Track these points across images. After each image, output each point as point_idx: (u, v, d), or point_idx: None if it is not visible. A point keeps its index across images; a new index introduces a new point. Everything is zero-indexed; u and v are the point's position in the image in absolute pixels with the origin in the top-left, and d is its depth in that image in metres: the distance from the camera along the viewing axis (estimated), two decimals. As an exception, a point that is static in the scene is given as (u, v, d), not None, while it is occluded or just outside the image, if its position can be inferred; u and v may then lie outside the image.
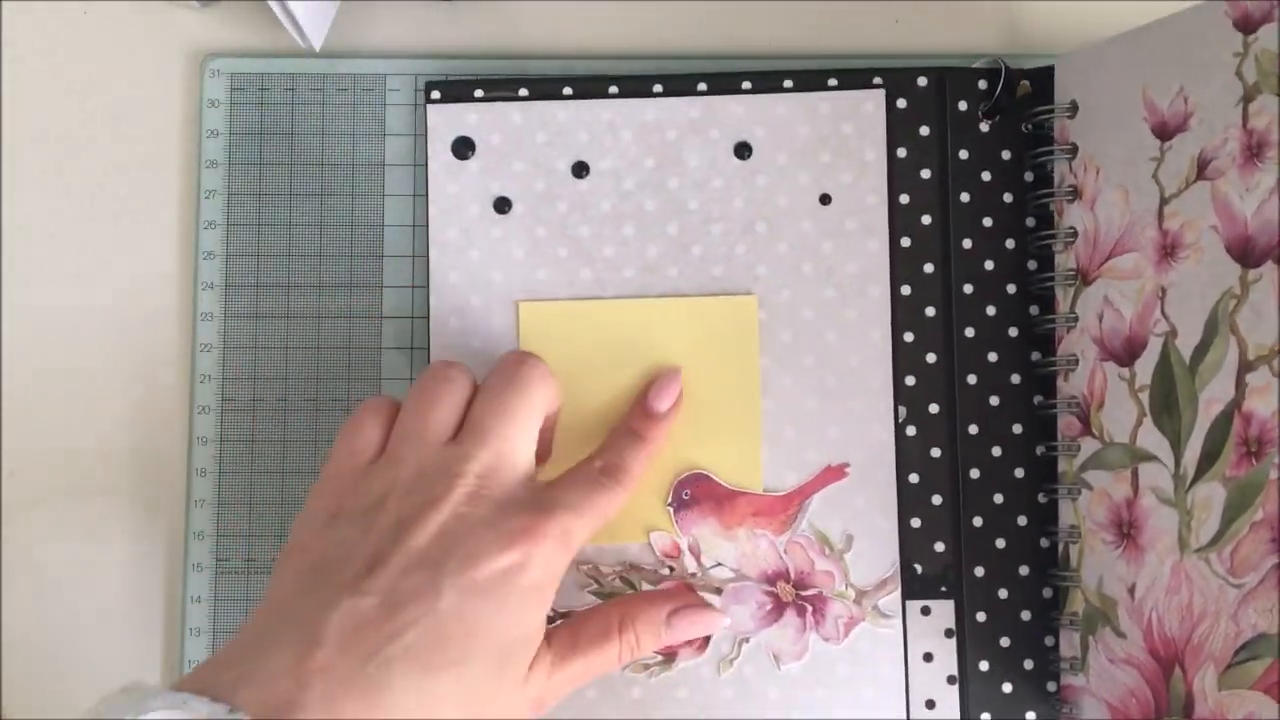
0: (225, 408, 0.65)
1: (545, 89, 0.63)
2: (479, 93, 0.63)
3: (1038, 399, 0.62)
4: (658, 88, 0.63)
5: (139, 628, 0.65)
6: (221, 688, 0.45)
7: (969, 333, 0.62)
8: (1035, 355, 0.62)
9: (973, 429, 0.62)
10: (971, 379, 0.62)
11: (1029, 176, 0.62)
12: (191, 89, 0.67)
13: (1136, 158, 0.56)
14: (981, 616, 0.61)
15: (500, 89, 0.63)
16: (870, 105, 0.63)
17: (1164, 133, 0.55)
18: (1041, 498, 0.61)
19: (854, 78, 0.63)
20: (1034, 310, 0.62)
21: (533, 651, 0.52)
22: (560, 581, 0.53)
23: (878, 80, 0.63)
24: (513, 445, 0.54)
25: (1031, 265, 0.62)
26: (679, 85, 0.63)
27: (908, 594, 0.62)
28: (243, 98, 0.66)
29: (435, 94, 0.63)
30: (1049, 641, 0.61)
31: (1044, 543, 0.61)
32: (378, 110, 0.66)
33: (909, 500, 0.62)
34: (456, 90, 0.63)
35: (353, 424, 0.55)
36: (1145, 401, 0.56)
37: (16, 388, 0.65)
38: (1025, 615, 0.61)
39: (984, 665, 0.61)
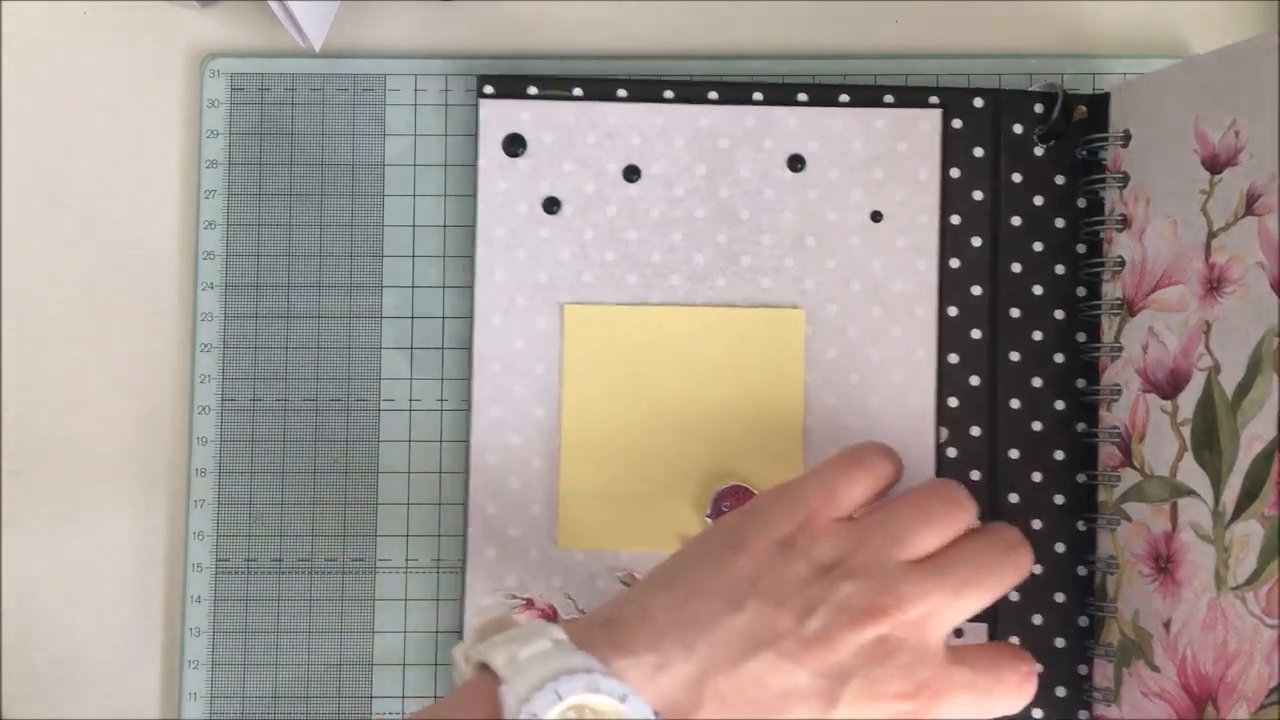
0: (225, 408, 0.69)
1: (599, 89, 0.68)
2: (532, 90, 0.68)
3: (1080, 426, 0.67)
4: (713, 94, 0.68)
5: (139, 628, 0.70)
6: (624, 668, 0.52)
7: (1014, 357, 0.67)
8: (1080, 383, 0.67)
9: (1014, 454, 0.67)
10: (1015, 403, 0.67)
11: (1081, 203, 0.67)
12: (191, 89, 0.71)
13: (1186, 189, 0.61)
14: (1015, 642, 0.66)
15: (554, 87, 0.68)
16: (926, 124, 0.68)
17: (1214, 165, 0.59)
18: (1080, 526, 0.66)
19: (910, 95, 0.68)
20: (1081, 337, 0.67)
21: None
22: None
23: (934, 99, 0.68)
24: (957, 610, 0.57)
25: (1080, 292, 0.67)
26: (734, 93, 0.68)
27: (941, 616, 0.67)
28: (243, 98, 0.70)
29: (488, 88, 0.68)
30: (1082, 670, 0.66)
31: (1081, 571, 0.66)
32: (378, 110, 0.70)
33: (946, 522, 0.67)
34: (510, 86, 0.68)
35: (852, 463, 0.59)
36: (1186, 436, 0.60)
37: (17, 387, 0.70)
38: (1060, 642, 0.66)
39: (1015, 691, 0.66)
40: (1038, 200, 0.68)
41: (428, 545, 0.69)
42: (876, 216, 0.68)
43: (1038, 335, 0.67)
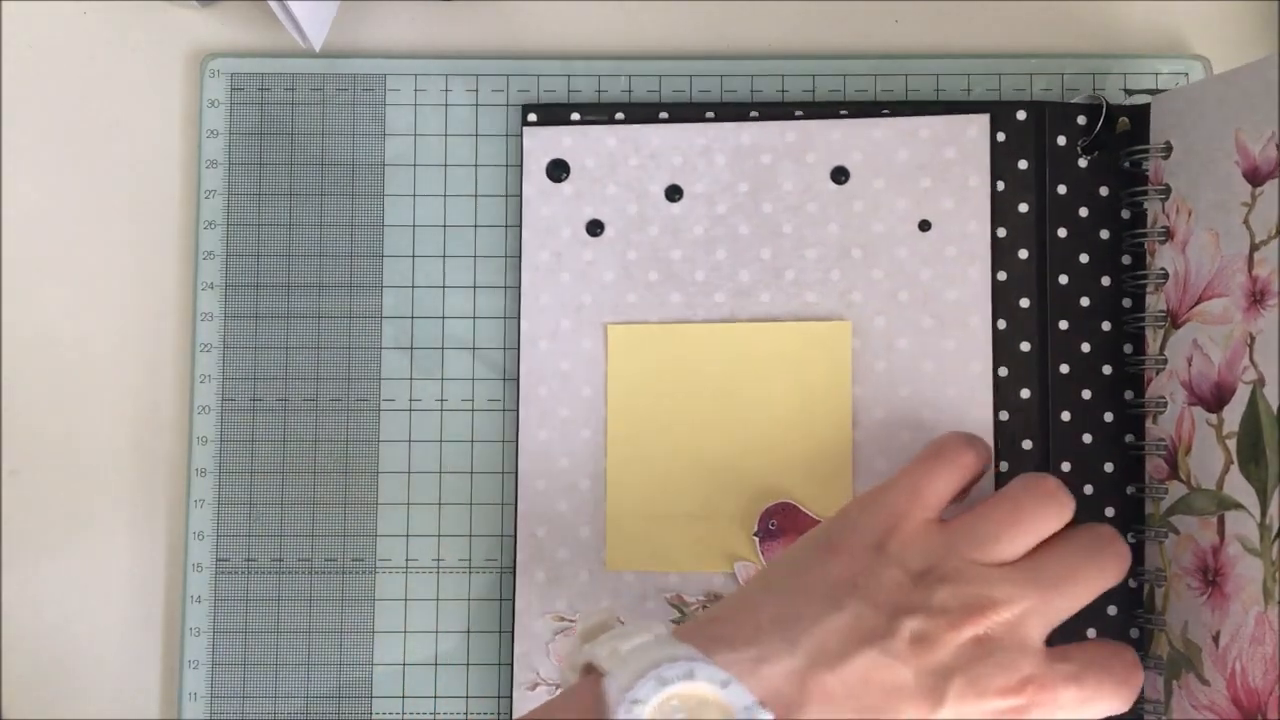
0: (225, 408, 0.71)
1: (641, 113, 0.70)
2: (575, 116, 0.70)
3: (1129, 438, 0.67)
4: (754, 114, 0.70)
5: (139, 628, 0.72)
6: (725, 661, 0.53)
7: (1063, 369, 0.68)
8: (1129, 394, 0.68)
9: (1065, 466, 0.68)
10: (1065, 415, 0.68)
11: (1125, 214, 0.68)
12: (191, 89, 0.73)
13: (1228, 201, 0.61)
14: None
15: (596, 113, 0.70)
16: (974, 130, 0.69)
17: (1255, 177, 0.60)
18: (1130, 538, 0.67)
19: (954, 110, 0.69)
20: (1128, 349, 0.68)
21: None
22: None
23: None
24: (1053, 610, 0.58)
25: (1127, 303, 0.68)
26: (775, 112, 0.70)
27: (993, 631, 0.68)
28: (243, 98, 0.72)
29: (532, 116, 0.70)
30: (1134, 683, 0.67)
31: (1131, 584, 0.67)
32: (378, 110, 0.72)
33: (997, 536, 0.68)
34: (553, 114, 0.70)
35: (934, 460, 0.62)
36: (1233, 449, 0.61)
37: (17, 387, 0.72)
38: (1111, 656, 0.67)
39: (1068, 705, 0.67)
40: (1083, 212, 0.68)
41: (428, 545, 0.71)
42: (925, 225, 0.69)
43: (1086, 347, 0.68)
